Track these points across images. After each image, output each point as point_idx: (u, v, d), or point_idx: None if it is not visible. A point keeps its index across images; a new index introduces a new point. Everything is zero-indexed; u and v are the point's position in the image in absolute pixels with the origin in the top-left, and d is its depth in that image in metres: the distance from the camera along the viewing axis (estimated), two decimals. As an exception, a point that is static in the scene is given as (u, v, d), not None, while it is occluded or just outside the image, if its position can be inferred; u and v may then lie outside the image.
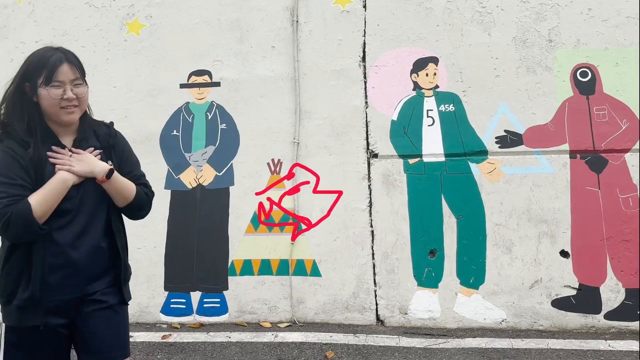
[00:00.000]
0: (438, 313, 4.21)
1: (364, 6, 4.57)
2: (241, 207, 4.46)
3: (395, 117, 4.44)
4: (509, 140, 4.32)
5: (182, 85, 4.64)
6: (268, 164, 4.49)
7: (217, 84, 4.61)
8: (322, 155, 4.46)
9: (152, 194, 2.21)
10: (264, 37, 4.63)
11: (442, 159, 4.34)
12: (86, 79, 2.09)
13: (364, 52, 4.54)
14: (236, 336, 4.02)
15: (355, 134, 4.45)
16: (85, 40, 4.75)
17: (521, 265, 4.18)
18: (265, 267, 4.38)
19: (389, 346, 3.83)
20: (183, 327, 4.26)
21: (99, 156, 2.08)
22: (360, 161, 4.42)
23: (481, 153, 4.32)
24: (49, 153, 2.02)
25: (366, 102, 4.49)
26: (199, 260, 4.41)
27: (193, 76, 4.63)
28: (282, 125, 4.52)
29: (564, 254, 4.15)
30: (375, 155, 4.41)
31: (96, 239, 2.06)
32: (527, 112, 4.33)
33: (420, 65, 4.48)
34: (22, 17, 4.82)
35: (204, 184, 4.48)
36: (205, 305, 4.38)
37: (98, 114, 4.48)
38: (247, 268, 4.38)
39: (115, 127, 4.48)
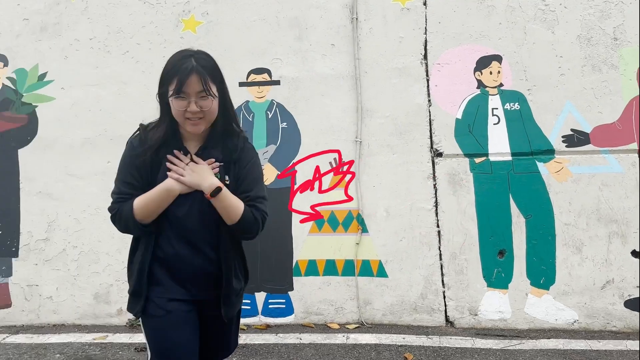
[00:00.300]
0: (509, 314, 4.14)
1: (424, 3, 4.52)
2: (304, 207, 4.39)
3: (459, 116, 4.38)
4: (575, 139, 4.27)
5: (242, 84, 4.56)
6: (330, 162, 4.42)
7: (277, 83, 4.54)
8: (385, 154, 4.39)
9: (263, 217, 2.03)
10: (324, 35, 4.57)
11: (509, 158, 4.28)
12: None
13: (425, 49, 4.49)
14: (307, 337, 3.93)
15: (418, 133, 4.39)
16: (141, 38, 4.67)
17: (592, 266, 4.12)
18: (331, 268, 4.30)
19: (465, 348, 3.75)
20: (249, 329, 4.18)
21: (217, 169, 2.02)
22: (424, 160, 4.36)
23: (548, 152, 4.26)
24: (168, 156, 1.98)
25: (429, 101, 4.42)
26: (263, 260, 4.33)
27: (252, 74, 4.56)
28: (344, 123, 4.45)
29: (635, 254, 4.09)
30: (440, 154, 4.35)
31: (207, 246, 2.01)
32: (594, 111, 4.28)
33: (483, 63, 4.42)
34: (75, 14, 4.74)
35: (266, 183, 4.40)
36: (270, 306, 4.29)
37: (156, 113, 4.43)
38: (312, 268, 4.30)
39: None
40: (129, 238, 4.32)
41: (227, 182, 2.00)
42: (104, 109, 4.61)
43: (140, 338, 4.03)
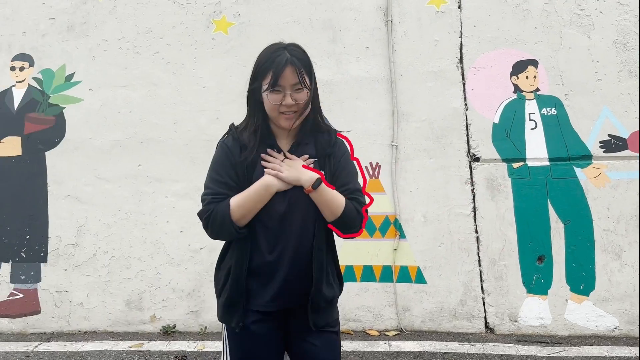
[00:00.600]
0: (549, 320, 4.12)
1: (459, 7, 4.49)
2: (340, 212, 4.33)
3: (496, 120, 4.35)
4: (613, 144, 4.26)
5: (275, 86, 4.48)
6: (366, 167, 4.36)
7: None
8: (421, 159, 4.35)
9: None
10: (358, 38, 4.52)
11: (547, 163, 4.26)
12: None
13: (461, 53, 4.45)
14: (348, 345, 3.88)
15: (455, 137, 4.35)
16: (171, 38, 4.58)
17: (631, 272, 4.11)
18: (368, 274, 4.25)
19: (510, 355, 3.73)
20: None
21: (312, 165, 1.95)
22: (462, 165, 4.32)
23: (586, 157, 4.25)
24: (262, 155, 1.92)
25: (465, 105, 4.39)
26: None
27: (286, 76, 4.48)
28: (379, 127, 4.41)
29: (674, 260, 4.09)
30: (477, 159, 4.32)
31: (302, 251, 1.91)
32: (631, 116, 4.27)
33: (519, 67, 4.40)
34: (103, 14, 4.64)
35: (302, 187, 4.34)
36: (308, 313, 4.23)
37: (188, 115, 4.37)
38: (349, 274, 4.24)
39: (207, 128, 4.40)
40: (160, 243, 4.27)
41: (320, 177, 1.91)
42: (134, 111, 4.52)
43: (177, 346, 3.96)
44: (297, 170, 1.89)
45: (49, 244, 4.42)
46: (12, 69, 4.61)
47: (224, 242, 2.03)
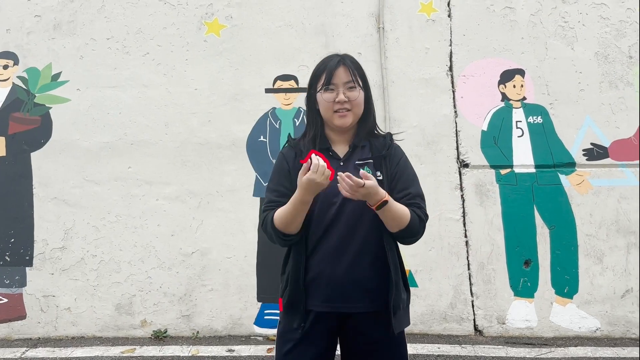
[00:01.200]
0: (535, 322, 4.25)
1: (449, 16, 4.59)
2: (332, 216, 4.37)
3: (485, 128, 4.47)
4: (595, 153, 4.42)
5: (268, 90, 4.50)
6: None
7: (304, 90, 4.47)
8: (413, 164, 4.40)
9: (426, 217, 1.97)
10: (350, 43, 4.57)
11: (533, 170, 4.40)
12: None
13: (450, 61, 4.55)
14: (342, 349, 3.91)
15: (445, 144, 4.45)
16: (162, 39, 4.53)
17: (612, 275, 4.28)
18: (361, 278, 4.30)
19: (500, 356, 3.84)
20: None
21: (367, 164, 1.96)
22: (452, 171, 4.42)
23: (570, 165, 4.40)
24: (339, 174, 1.78)
25: (455, 112, 4.49)
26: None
27: (279, 81, 4.51)
28: (371, 133, 4.45)
29: (652, 264, 4.29)
30: (467, 165, 4.43)
31: (355, 254, 1.92)
32: (612, 126, 4.45)
33: (507, 76, 4.52)
34: (92, 12, 4.55)
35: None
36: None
37: (180, 117, 4.34)
38: (342, 278, 4.28)
39: (199, 130, 4.37)
40: (151, 247, 4.24)
41: (380, 178, 1.93)
42: (123, 112, 4.45)
43: (170, 351, 3.92)
44: (367, 190, 1.78)
45: (35, 247, 4.31)
46: (-4, 66, 4.48)
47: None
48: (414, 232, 1.93)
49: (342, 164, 1.96)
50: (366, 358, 2.00)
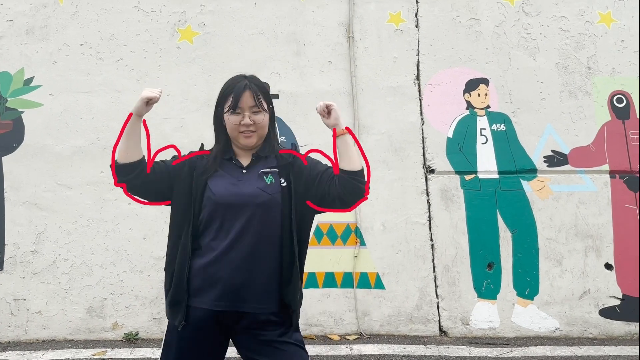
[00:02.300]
0: (497, 323, 4.41)
1: (417, 26, 4.74)
2: (302, 220, 4.47)
3: (450, 135, 4.62)
4: (555, 159, 4.61)
5: (240, 96, 4.57)
6: (328, 177, 4.51)
7: (276, 97, 4.59)
8: (381, 170, 4.55)
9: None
10: (321, 52, 4.68)
11: (496, 176, 4.56)
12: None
13: (418, 70, 4.70)
14: (310, 349, 3.96)
15: (412, 150, 4.59)
16: (135, 45, 4.59)
17: (571, 277, 4.46)
18: (330, 280, 4.41)
19: (463, 356, 3.97)
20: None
21: (272, 173, 2.07)
22: (418, 176, 4.56)
23: (531, 171, 4.58)
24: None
25: (422, 119, 4.64)
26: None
27: (250, 87, 4.58)
28: (341, 139, 4.57)
29: (608, 266, 4.48)
30: (432, 171, 4.57)
31: (244, 253, 1.99)
32: (571, 134, 4.64)
33: (472, 85, 4.69)
34: (65, 18, 4.59)
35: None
36: (271, 319, 4.33)
37: (152, 122, 4.37)
38: (311, 281, 4.38)
39: (171, 136, 4.42)
40: (123, 250, 4.29)
41: (284, 185, 2.03)
42: (96, 117, 4.49)
43: (142, 353, 3.98)
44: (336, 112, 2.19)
45: (6, 251, 4.32)
46: (-33, 70, 4.48)
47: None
48: (363, 177, 2.05)
49: (244, 171, 2.08)
50: (276, 353, 2.03)
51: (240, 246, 1.99)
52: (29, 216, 4.37)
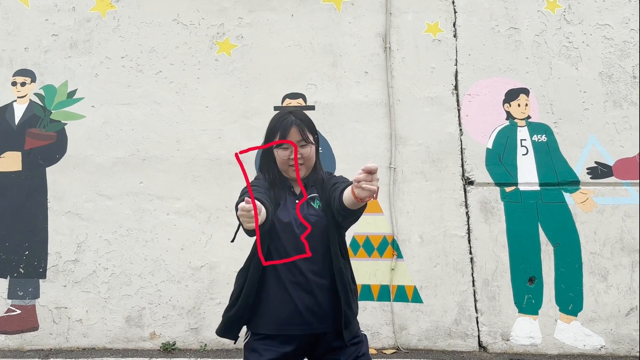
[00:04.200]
0: (539, 339, 4.28)
1: (455, 36, 4.68)
2: (339, 232, 4.44)
3: (490, 146, 4.53)
4: (599, 171, 4.47)
5: (276, 108, 4.60)
6: (365, 188, 4.47)
7: (312, 108, 4.60)
8: (418, 181, 4.50)
9: None
10: (357, 63, 4.67)
11: (537, 187, 4.45)
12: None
13: (456, 80, 4.63)
14: (347, 363, 3.96)
15: (450, 161, 4.52)
16: (174, 58, 4.66)
17: (617, 293, 4.31)
18: (366, 293, 4.36)
19: (504, 373, 3.87)
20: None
21: (315, 197, 2.22)
22: (457, 188, 4.48)
23: (574, 183, 4.45)
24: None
25: (460, 130, 4.56)
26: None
27: (287, 99, 4.61)
28: (378, 150, 4.54)
29: (656, 282, 4.31)
30: (471, 183, 4.49)
31: (314, 282, 2.12)
32: (616, 145, 4.50)
33: (512, 95, 4.60)
34: (107, 32, 4.70)
35: (302, 207, 4.44)
36: (307, 331, 4.31)
37: (191, 134, 4.45)
38: (348, 293, 4.33)
39: (209, 147, 4.45)
40: (161, 260, 4.33)
41: (320, 205, 2.19)
42: (136, 129, 4.57)
43: (179, 363, 4.00)
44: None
45: (49, 260, 4.42)
46: (14, 84, 4.62)
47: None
48: (361, 211, 2.10)
49: (297, 201, 2.20)
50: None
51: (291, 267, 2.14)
52: (70, 226, 4.46)
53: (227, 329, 2.20)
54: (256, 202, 1.86)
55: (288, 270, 2.12)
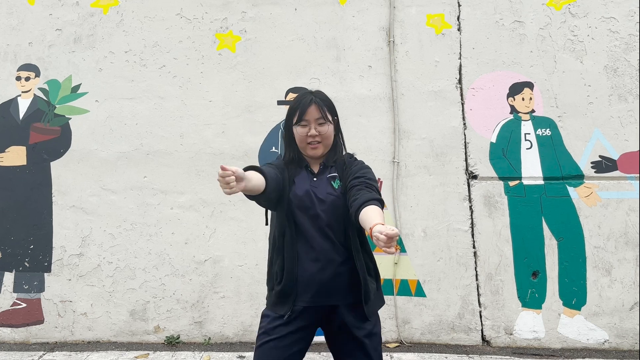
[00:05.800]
0: (542, 333, 4.28)
1: (459, 29, 4.66)
2: (342, 226, 4.44)
3: (494, 140, 4.52)
4: (604, 165, 4.45)
5: (280, 102, 4.60)
6: (368, 182, 4.48)
7: (316, 102, 4.58)
8: (422, 175, 4.49)
9: (381, 196, 2.17)
10: (361, 57, 4.66)
11: (541, 182, 4.44)
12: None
13: (460, 74, 4.62)
14: (351, 357, 3.97)
15: (454, 155, 4.51)
16: (177, 52, 4.66)
17: (621, 288, 4.30)
18: (370, 287, 4.36)
19: (507, 367, 3.87)
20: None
21: (334, 177, 2.27)
22: (460, 182, 4.48)
23: (578, 177, 4.44)
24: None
25: (464, 124, 4.55)
26: (304, 279, 4.36)
27: (290, 93, 4.61)
28: (381, 144, 4.54)
29: (661, 276, 4.30)
30: (475, 177, 4.48)
31: (331, 258, 2.20)
32: (620, 139, 4.48)
33: (516, 89, 4.58)
34: (110, 27, 4.70)
35: (306, 201, 4.45)
36: (311, 325, 4.32)
37: (194, 128, 4.45)
38: (351, 287, 4.35)
39: (213, 142, 4.46)
40: (165, 254, 4.34)
41: (340, 184, 2.25)
42: (140, 123, 4.58)
43: (183, 357, 4.01)
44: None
45: (53, 253, 4.45)
46: (18, 78, 4.63)
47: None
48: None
49: (315, 179, 2.28)
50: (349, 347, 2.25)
51: (307, 244, 2.22)
52: (75, 220, 4.48)
53: (281, 301, 2.21)
54: (243, 169, 1.89)
55: (303, 244, 2.18)
